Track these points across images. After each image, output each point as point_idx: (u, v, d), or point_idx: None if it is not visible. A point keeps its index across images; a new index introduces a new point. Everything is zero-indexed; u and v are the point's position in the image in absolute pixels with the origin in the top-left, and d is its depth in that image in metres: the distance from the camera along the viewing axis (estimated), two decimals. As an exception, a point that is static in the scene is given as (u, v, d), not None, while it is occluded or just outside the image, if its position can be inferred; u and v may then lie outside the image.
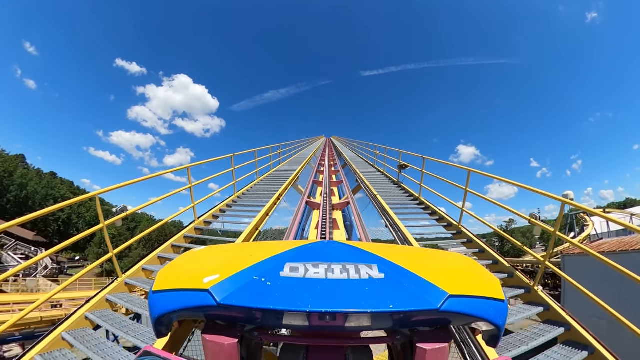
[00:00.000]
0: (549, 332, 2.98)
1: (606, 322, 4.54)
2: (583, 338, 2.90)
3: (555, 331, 3.01)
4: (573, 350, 2.82)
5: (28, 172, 49.59)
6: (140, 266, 4.09)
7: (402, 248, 1.15)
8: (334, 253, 0.84)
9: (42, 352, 2.73)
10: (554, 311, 3.27)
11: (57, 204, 3.21)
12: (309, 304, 0.63)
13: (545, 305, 3.35)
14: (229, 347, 0.69)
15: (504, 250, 46.87)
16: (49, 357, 2.69)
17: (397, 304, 0.65)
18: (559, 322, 3.14)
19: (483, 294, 0.72)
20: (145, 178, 4.79)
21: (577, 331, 2.97)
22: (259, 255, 0.80)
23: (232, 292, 0.67)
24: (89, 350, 2.69)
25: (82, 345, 2.77)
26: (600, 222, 18.79)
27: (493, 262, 4.32)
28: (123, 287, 3.78)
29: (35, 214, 2.97)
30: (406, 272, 0.74)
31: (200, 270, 0.78)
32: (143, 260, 4.20)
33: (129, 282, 3.78)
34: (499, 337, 0.77)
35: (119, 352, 2.70)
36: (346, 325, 0.69)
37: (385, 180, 10.01)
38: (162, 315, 0.73)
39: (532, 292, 3.59)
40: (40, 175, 54.59)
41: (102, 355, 2.63)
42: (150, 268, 4.08)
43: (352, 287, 0.68)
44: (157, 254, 4.45)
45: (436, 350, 0.69)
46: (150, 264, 4.25)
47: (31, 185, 46.69)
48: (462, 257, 0.93)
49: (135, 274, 3.99)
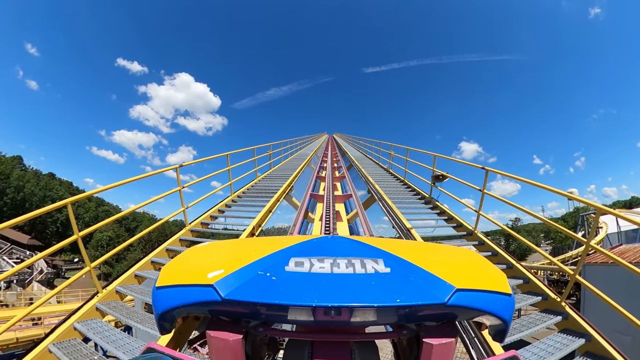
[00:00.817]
0: (569, 344, 2.83)
1: (631, 338, 4.37)
2: (604, 350, 2.75)
3: (575, 343, 2.85)
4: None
5: (25, 174, 49.84)
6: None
7: (408, 242, 1.14)
8: (339, 247, 0.83)
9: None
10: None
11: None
12: (315, 299, 0.63)
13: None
14: (234, 343, 0.69)
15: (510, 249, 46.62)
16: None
17: (404, 298, 0.65)
18: (579, 332, 2.98)
19: (490, 288, 0.72)
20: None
21: (598, 342, 2.82)
22: (264, 250, 0.80)
23: (236, 287, 0.67)
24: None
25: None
26: (610, 221, 18.34)
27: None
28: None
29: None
30: (412, 266, 0.74)
31: (205, 266, 0.77)
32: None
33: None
34: (505, 332, 0.77)
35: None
36: (352, 320, 0.69)
37: (408, 193, 7.90)
38: (166, 311, 0.72)
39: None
40: (39, 176, 54.90)
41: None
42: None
43: (358, 282, 0.68)
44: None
45: (443, 345, 0.69)
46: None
47: (28, 187, 46.96)
48: (467, 250, 0.93)
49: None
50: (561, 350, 2.74)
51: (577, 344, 2.86)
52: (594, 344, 2.85)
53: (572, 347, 2.82)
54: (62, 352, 2.74)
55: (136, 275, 3.97)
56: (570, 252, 22.90)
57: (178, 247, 4.93)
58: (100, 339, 2.87)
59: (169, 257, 4.67)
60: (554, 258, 3.76)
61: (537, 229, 60.26)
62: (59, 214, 46.45)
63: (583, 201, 3.85)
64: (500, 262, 4.22)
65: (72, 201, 3.35)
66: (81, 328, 3.04)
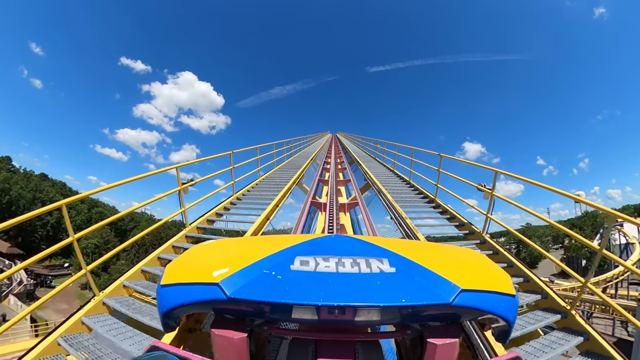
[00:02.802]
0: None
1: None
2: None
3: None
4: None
5: (12, 176, 49.62)
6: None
7: (412, 242, 1.20)
8: (344, 247, 0.85)
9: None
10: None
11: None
12: (320, 298, 0.65)
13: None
14: (238, 342, 0.71)
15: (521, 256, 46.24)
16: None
17: (409, 298, 0.66)
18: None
19: (494, 289, 0.74)
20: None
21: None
22: (269, 248, 0.82)
23: (242, 285, 0.69)
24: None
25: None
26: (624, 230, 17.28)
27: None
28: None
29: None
30: (417, 266, 0.76)
31: (210, 264, 0.79)
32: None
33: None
34: (508, 333, 0.79)
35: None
36: (357, 319, 0.70)
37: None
38: (170, 309, 0.74)
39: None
40: (29, 177, 54.76)
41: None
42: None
43: (363, 281, 0.70)
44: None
45: (447, 345, 0.70)
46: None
47: (15, 190, 46.71)
48: (472, 251, 0.96)
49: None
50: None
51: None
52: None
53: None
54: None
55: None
56: (608, 273, 20.11)
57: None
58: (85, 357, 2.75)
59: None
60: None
61: (546, 233, 60.00)
62: (49, 217, 46.25)
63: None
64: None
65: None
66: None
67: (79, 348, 2.86)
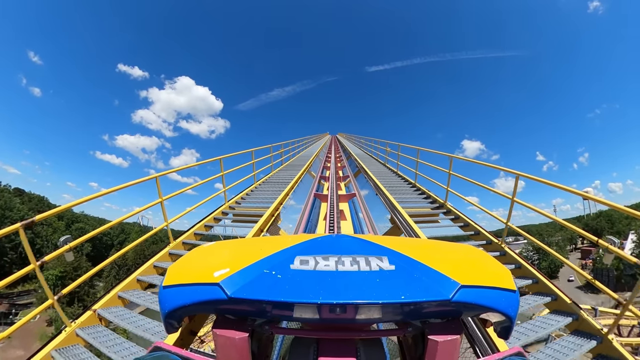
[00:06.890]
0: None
1: None
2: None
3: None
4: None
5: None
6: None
7: (412, 240, 1.22)
8: (344, 246, 0.90)
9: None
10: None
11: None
12: (320, 296, 0.69)
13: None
14: (240, 342, 0.75)
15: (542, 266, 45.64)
16: None
17: (409, 295, 0.70)
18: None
19: (494, 284, 0.78)
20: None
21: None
22: (269, 249, 0.87)
23: (242, 285, 0.73)
24: None
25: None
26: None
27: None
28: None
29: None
30: (417, 263, 0.80)
31: (210, 265, 0.84)
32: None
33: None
34: (510, 328, 0.82)
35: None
36: (357, 317, 0.74)
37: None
38: (172, 310, 0.78)
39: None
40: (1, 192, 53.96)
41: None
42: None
43: (363, 279, 0.74)
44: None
45: (448, 342, 0.74)
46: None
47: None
48: (472, 247, 0.99)
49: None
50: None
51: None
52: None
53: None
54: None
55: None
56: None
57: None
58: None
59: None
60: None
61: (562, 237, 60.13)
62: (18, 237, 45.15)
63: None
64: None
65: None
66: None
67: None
